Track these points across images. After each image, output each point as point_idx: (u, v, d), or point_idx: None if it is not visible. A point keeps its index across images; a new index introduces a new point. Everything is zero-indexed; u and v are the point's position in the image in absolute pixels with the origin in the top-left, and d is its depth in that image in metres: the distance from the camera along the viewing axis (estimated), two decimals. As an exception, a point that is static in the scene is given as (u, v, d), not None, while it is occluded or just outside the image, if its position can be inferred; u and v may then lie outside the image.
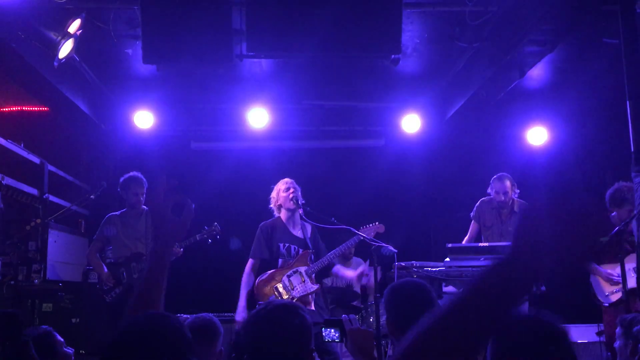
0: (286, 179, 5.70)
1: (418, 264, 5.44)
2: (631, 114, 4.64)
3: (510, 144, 8.51)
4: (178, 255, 5.96)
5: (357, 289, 7.54)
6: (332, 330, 2.73)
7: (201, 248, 6.28)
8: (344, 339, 2.68)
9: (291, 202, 5.56)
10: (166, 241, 1.98)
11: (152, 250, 1.98)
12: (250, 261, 5.63)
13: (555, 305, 7.34)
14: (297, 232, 5.65)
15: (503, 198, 6.14)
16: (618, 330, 3.94)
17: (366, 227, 5.60)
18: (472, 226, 6.41)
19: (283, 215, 5.67)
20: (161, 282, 1.97)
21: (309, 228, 5.71)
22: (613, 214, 5.85)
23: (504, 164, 6.67)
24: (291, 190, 5.57)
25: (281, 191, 5.63)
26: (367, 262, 7.59)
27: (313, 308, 5.51)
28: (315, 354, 2.27)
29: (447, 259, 5.41)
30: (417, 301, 2.62)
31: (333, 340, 2.72)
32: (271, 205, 5.72)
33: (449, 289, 5.24)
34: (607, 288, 5.70)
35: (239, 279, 5.92)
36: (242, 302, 5.44)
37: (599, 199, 5.99)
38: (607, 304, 5.64)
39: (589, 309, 6.10)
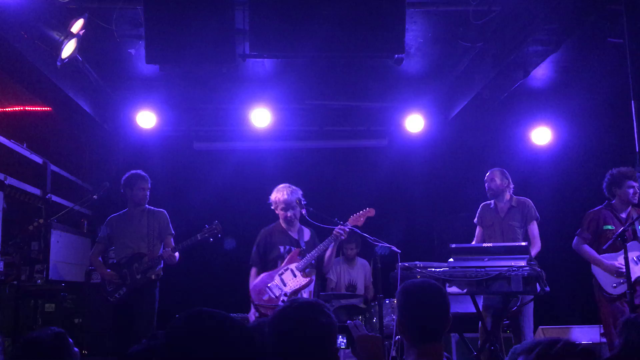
0: (284, 189, 5.75)
1: (421, 264, 5.41)
2: (636, 114, 4.61)
3: (514, 144, 8.48)
4: (174, 263, 5.96)
5: (360, 290, 7.52)
6: (339, 337, 2.69)
7: (201, 248, 6.27)
8: (351, 345, 2.64)
9: (285, 221, 5.76)
10: None
11: None
12: (252, 269, 5.83)
13: (560, 306, 7.34)
14: (294, 234, 5.80)
15: (488, 184, 6.17)
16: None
17: (355, 214, 5.68)
18: (477, 231, 6.40)
19: (281, 221, 5.84)
20: None
21: (307, 233, 5.83)
22: (613, 201, 5.87)
23: (508, 164, 6.64)
24: (289, 214, 5.71)
25: (279, 208, 5.75)
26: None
27: None
28: None
29: (451, 260, 5.39)
30: (430, 303, 2.59)
31: (339, 348, 2.69)
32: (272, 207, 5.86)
33: (453, 289, 5.21)
34: (613, 279, 5.67)
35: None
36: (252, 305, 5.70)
37: (602, 199, 5.99)
38: (615, 294, 5.61)
39: (592, 309, 6.08)
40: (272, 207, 5.82)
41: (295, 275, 5.57)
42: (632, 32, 4.72)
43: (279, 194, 5.75)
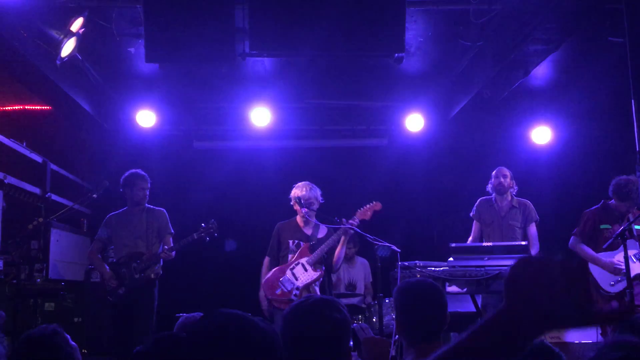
0: (303, 186, 5.82)
1: (421, 263, 5.41)
2: (636, 113, 4.60)
3: (514, 143, 8.48)
4: (170, 258, 5.96)
5: (360, 289, 7.52)
6: None
7: (201, 247, 6.26)
8: (357, 348, 2.62)
9: (300, 217, 5.81)
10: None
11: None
12: (265, 259, 5.93)
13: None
14: (308, 230, 5.84)
15: (502, 179, 6.19)
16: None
17: (362, 208, 5.71)
18: (474, 226, 6.41)
19: (299, 217, 5.88)
20: None
21: (323, 229, 5.85)
22: (611, 201, 5.86)
23: (508, 163, 6.64)
24: (304, 210, 5.74)
25: (295, 203, 5.80)
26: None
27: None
28: None
29: (451, 259, 5.38)
30: (428, 302, 2.59)
31: None
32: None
33: (453, 288, 5.20)
34: (611, 277, 5.66)
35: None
36: (261, 293, 5.77)
37: (602, 198, 5.98)
38: (613, 292, 5.61)
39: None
40: (291, 203, 5.86)
41: (306, 270, 5.63)
42: (632, 31, 4.71)
43: (297, 190, 5.81)
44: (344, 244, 5.76)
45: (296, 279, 5.61)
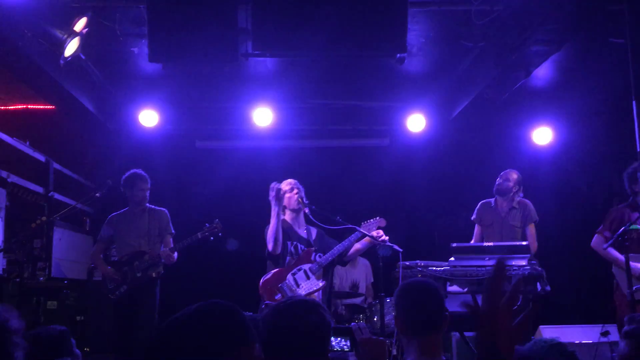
0: (289, 180, 5.69)
1: (422, 263, 5.43)
2: (637, 114, 4.62)
3: (515, 144, 8.49)
4: (172, 262, 5.97)
5: (362, 289, 7.54)
6: (342, 340, 2.69)
7: (203, 247, 6.28)
8: (354, 348, 2.64)
9: (296, 202, 5.55)
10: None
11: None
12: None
13: (560, 305, 7.35)
14: (302, 232, 5.67)
15: (501, 180, 6.18)
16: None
17: (367, 222, 5.61)
18: (476, 229, 6.43)
19: (288, 216, 5.67)
20: None
21: (313, 231, 5.72)
22: (637, 198, 5.59)
23: (509, 164, 6.66)
24: (295, 190, 5.57)
25: (285, 192, 5.62)
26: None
27: None
28: None
29: (452, 259, 5.40)
30: (427, 301, 2.65)
31: (342, 350, 2.69)
32: None
33: (454, 288, 5.23)
34: (636, 282, 5.47)
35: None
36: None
37: (603, 199, 5.99)
38: (636, 299, 5.45)
39: (593, 309, 6.09)
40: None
41: (309, 277, 5.40)
42: (633, 32, 4.72)
43: (283, 183, 5.61)
44: (364, 247, 5.59)
45: (297, 286, 5.36)
